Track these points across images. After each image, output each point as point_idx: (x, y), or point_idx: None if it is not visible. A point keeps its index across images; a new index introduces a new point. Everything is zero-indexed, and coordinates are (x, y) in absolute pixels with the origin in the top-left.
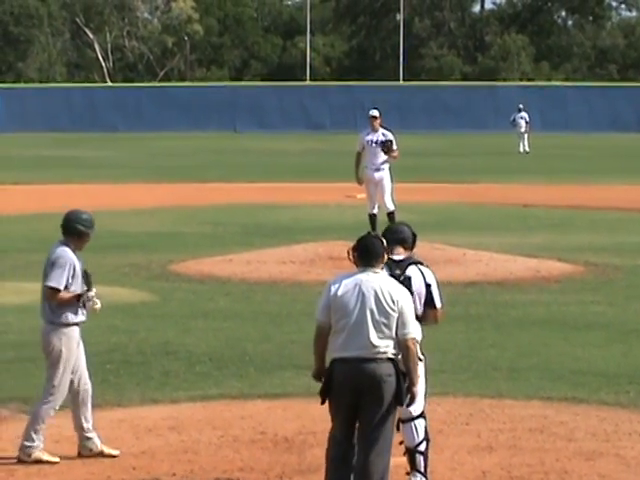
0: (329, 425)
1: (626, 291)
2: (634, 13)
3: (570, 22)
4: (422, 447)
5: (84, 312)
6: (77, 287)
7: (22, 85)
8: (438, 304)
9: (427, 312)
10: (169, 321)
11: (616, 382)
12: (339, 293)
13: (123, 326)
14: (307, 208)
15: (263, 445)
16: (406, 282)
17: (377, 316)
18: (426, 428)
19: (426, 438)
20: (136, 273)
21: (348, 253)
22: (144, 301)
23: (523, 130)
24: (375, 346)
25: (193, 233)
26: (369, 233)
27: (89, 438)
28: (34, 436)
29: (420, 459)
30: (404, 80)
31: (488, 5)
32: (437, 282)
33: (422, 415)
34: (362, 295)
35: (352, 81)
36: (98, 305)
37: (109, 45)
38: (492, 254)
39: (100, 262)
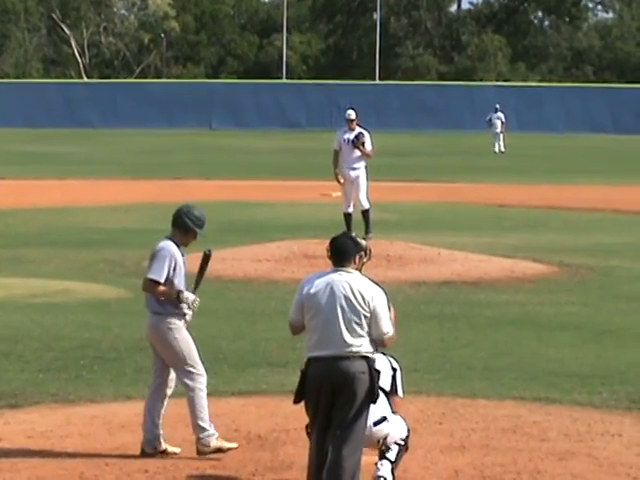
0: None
1: (600, 292)
2: (610, 14)
3: (546, 23)
4: (403, 441)
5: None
6: (180, 281)
7: None
8: (400, 394)
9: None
10: (143, 318)
11: (589, 382)
12: (311, 292)
13: (97, 322)
14: (282, 206)
15: (236, 442)
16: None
17: (348, 315)
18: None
19: (408, 436)
20: (110, 269)
21: (327, 251)
22: (118, 297)
23: (499, 130)
24: (348, 344)
25: (168, 230)
26: (343, 233)
27: (157, 435)
28: (204, 425)
29: (395, 450)
30: (380, 79)
31: (465, 5)
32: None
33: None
34: (333, 294)
35: (328, 79)
36: (189, 313)
37: (85, 41)
38: (467, 254)
39: (74, 258)
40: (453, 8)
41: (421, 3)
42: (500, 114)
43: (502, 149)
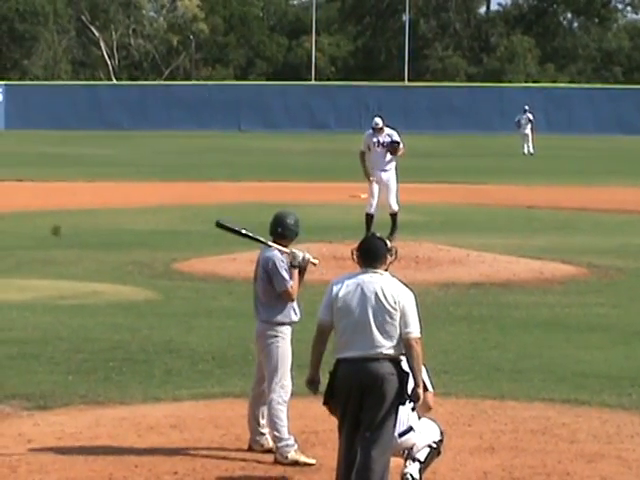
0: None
1: (629, 293)
2: None
3: (576, 24)
4: (435, 444)
5: (298, 310)
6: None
7: (27, 82)
8: (430, 388)
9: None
10: (172, 319)
11: (618, 384)
12: (340, 294)
13: (126, 324)
14: (311, 208)
15: (268, 444)
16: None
17: (380, 316)
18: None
19: (442, 440)
20: (139, 271)
21: (352, 253)
22: (147, 299)
23: (528, 131)
24: (378, 346)
25: (197, 232)
26: (372, 234)
27: (262, 434)
28: (282, 436)
29: (426, 452)
30: (409, 81)
31: (494, 6)
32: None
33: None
34: (363, 295)
35: (357, 81)
36: (307, 257)
37: (114, 43)
38: (496, 255)
39: (103, 260)
40: (482, 9)
41: (450, 5)
42: (529, 115)
43: (531, 150)
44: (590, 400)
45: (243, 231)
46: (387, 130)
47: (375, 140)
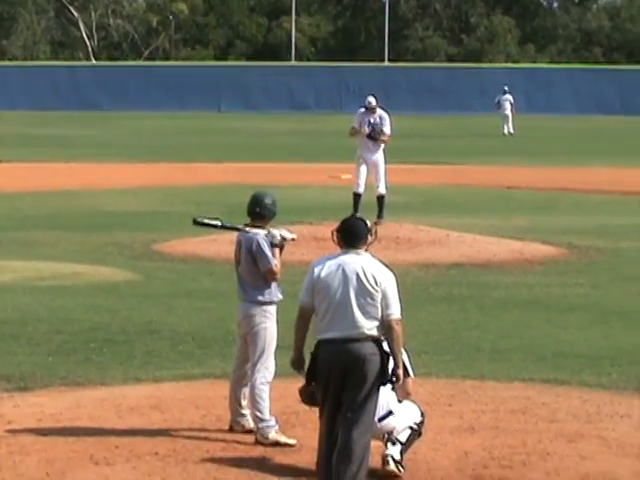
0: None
1: (609, 273)
2: None
3: (555, 4)
4: (416, 425)
5: (280, 291)
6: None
7: (6, 63)
8: (411, 374)
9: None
10: (152, 300)
11: (598, 364)
12: (322, 275)
13: (106, 305)
14: (291, 188)
15: (249, 425)
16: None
17: (360, 297)
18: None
19: (422, 422)
20: (120, 252)
21: (332, 234)
22: (127, 280)
23: (508, 112)
24: (359, 326)
25: (177, 213)
26: (353, 215)
27: (243, 415)
28: (263, 417)
29: (407, 433)
30: (389, 61)
31: None
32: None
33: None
34: (345, 276)
35: (337, 62)
36: (285, 234)
37: (94, 23)
38: (476, 236)
39: (84, 241)
40: None
41: None
42: (509, 96)
43: (511, 131)
44: (570, 380)
45: (219, 224)
46: (379, 112)
47: (367, 119)
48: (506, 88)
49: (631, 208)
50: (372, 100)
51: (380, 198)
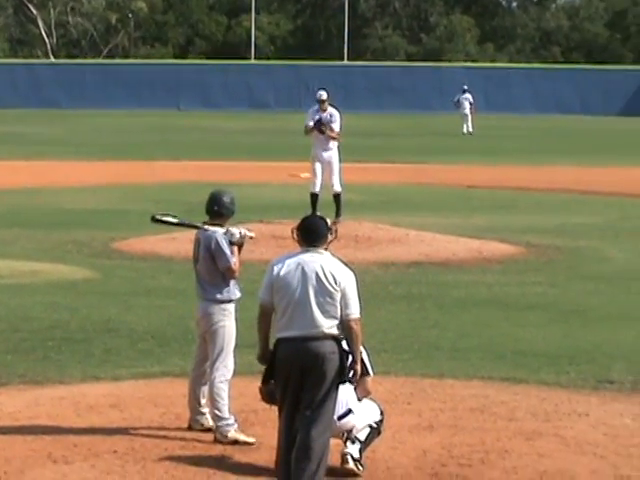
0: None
1: (567, 272)
2: None
3: (514, 3)
4: (375, 424)
5: (238, 289)
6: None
7: None
8: (371, 372)
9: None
10: (111, 298)
11: (556, 362)
12: (281, 273)
13: (65, 303)
14: (251, 187)
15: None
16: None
17: (320, 295)
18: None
19: (382, 420)
20: (78, 250)
21: (292, 232)
22: (86, 278)
23: (467, 111)
24: (318, 325)
25: (136, 211)
26: (313, 213)
27: (203, 413)
28: (222, 415)
29: (367, 431)
30: (349, 60)
31: None
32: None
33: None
34: (304, 275)
35: (297, 60)
36: (243, 232)
37: (52, 21)
38: (435, 235)
39: (42, 239)
40: None
41: None
42: (468, 95)
43: (470, 130)
44: (528, 378)
45: (177, 221)
46: (330, 109)
47: (318, 117)
48: (465, 87)
49: (590, 207)
50: (323, 93)
51: (336, 196)
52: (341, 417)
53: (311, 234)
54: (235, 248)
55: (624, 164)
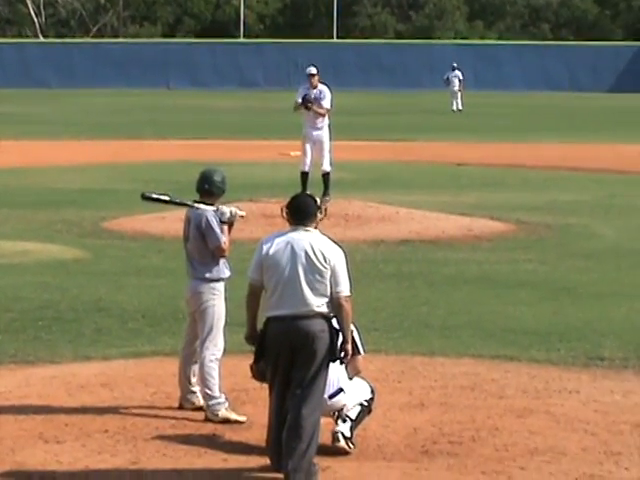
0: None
1: (557, 249)
2: None
3: None
4: (366, 402)
5: (228, 268)
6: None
7: None
8: (362, 351)
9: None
10: (101, 278)
11: (547, 340)
12: (271, 252)
13: (55, 283)
14: (240, 166)
15: (197, 402)
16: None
17: (309, 274)
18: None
19: (372, 398)
20: (68, 230)
21: (282, 210)
22: (76, 258)
23: (457, 88)
24: (308, 303)
25: (126, 190)
26: (303, 192)
27: (193, 392)
28: (213, 394)
29: (357, 410)
30: (338, 38)
31: None
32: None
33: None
34: (293, 253)
35: (286, 38)
36: (234, 211)
37: (41, 0)
38: (425, 212)
39: (32, 219)
40: None
41: None
42: (457, 72)
43: (460, 107)
44: (519, 356)
45: (168, 199)
46: (320, 86)
47: (305, 94)
48: (455, 65)
49: (580, 184)
50: (312, 68)
51: (325, 175)
52: (332, 396)
53: (300, 212)
54: (225, 227)
55: (613, 141)
